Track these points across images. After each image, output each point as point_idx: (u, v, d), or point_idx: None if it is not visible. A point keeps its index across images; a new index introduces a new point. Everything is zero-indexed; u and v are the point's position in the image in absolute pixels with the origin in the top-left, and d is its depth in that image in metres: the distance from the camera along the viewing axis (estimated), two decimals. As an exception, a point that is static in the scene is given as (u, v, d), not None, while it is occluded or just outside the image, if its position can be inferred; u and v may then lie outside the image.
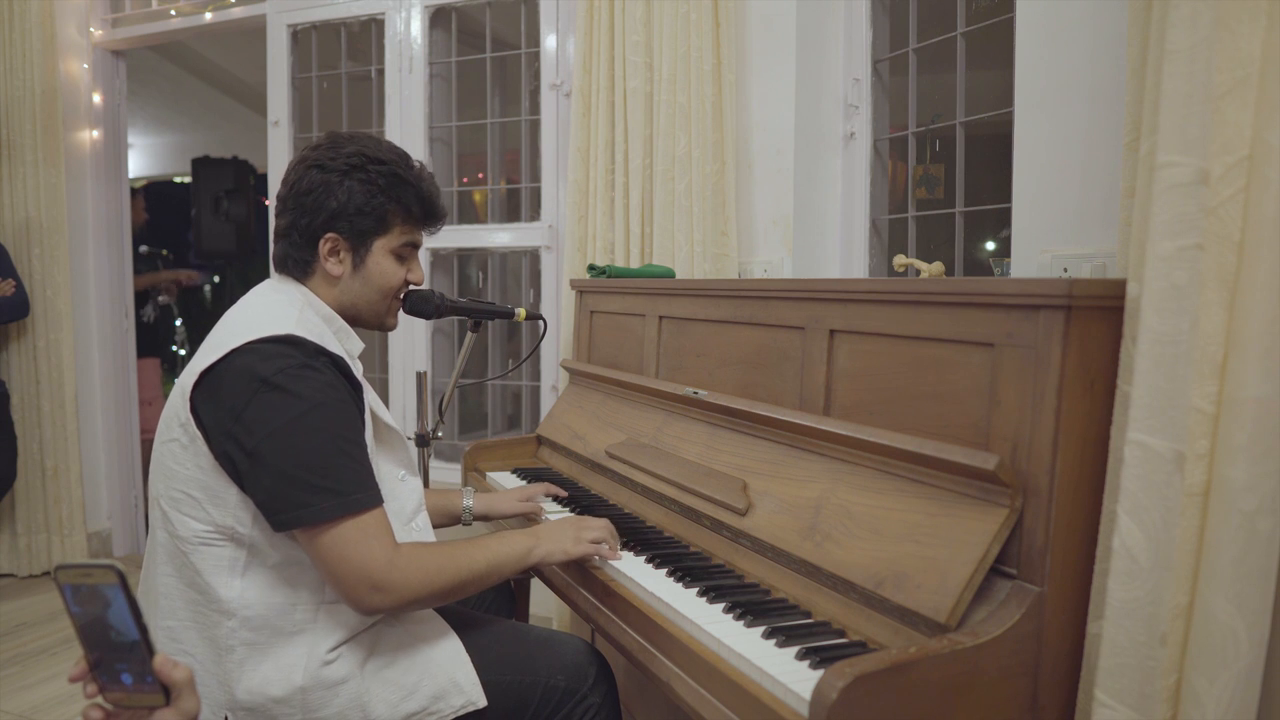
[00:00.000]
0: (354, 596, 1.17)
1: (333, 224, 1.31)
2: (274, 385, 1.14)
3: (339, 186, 1.30)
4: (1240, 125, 0.90)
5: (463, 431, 3.51)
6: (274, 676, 1.18)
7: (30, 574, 3.53)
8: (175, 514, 1.19)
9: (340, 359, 1.22)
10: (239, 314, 1.27)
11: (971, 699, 0.97)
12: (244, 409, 1.14)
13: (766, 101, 2.32)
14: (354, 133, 1.37)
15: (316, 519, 1.14)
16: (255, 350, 1.16)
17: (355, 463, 1.18)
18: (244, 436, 1.14)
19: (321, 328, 1.26)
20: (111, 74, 3.75)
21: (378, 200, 1.33)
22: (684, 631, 1.16)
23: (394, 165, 1.34)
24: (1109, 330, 1.03)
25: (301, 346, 1.18)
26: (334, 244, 1.32)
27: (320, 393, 1.16)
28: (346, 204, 1.31)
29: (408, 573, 1.18)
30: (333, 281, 1.34)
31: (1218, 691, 0.91)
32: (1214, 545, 0.92)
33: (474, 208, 3.85)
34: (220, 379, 1.17)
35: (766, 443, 1.44)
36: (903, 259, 1.89)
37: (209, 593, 1.18)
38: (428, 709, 1.24)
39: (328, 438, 1.16)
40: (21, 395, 3.47)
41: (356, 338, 1.37)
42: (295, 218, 1.32)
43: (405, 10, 3.05)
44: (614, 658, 1.56)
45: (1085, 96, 1.54)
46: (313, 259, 1.33)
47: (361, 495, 1.17)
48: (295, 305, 1.27)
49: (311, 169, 1.32)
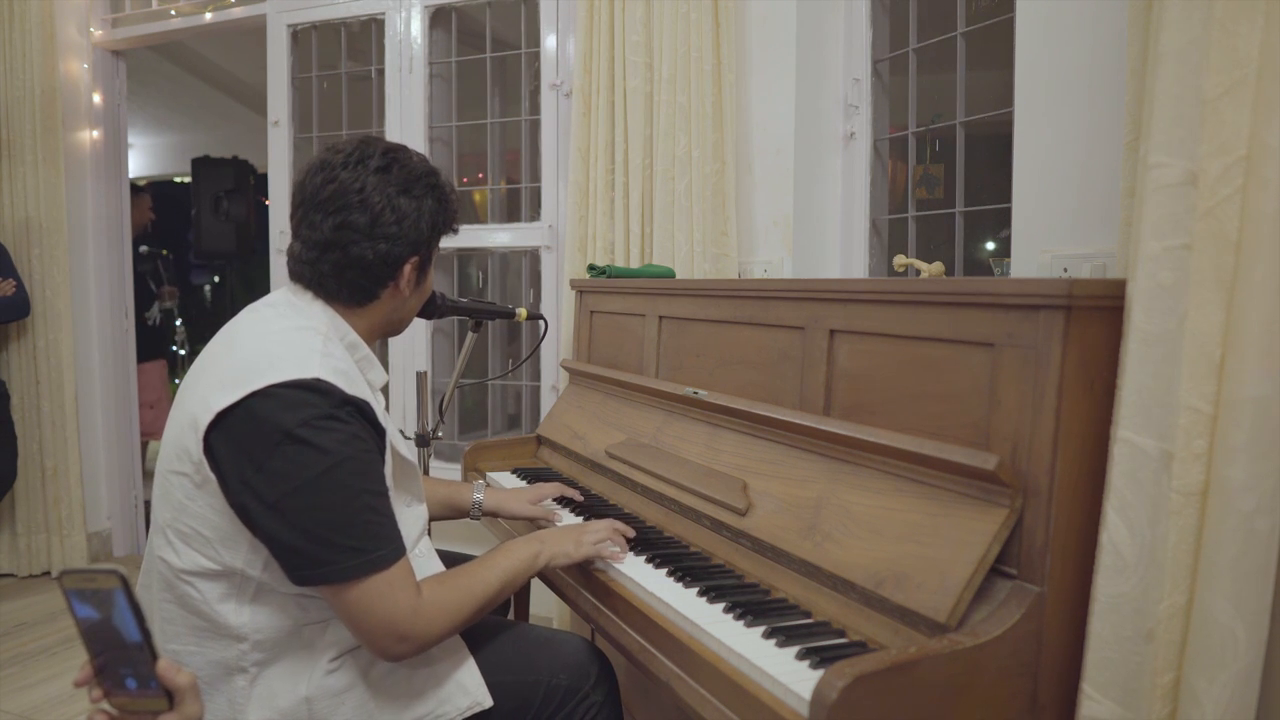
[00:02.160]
0: (380, 648, 1.15)
1: (419, 248, 1.29)
2: (297, 438, 1.09)
3: (425, 209, 1.28)
4: (1238, 125, 0.90)
5: (463, 431, 3.51)
6: (280, 688, 1.17)
7: (30, 574, 3.53)
8: (182, 546, 1.16)
9: (365, 404, 1.16)
10: (258, 345, 1.18)
11: (971, 699, 0.97)
12: (265, 461, 1.09)
13: (766, 101, 2.32)
14: (397, 145, 1.31)
15: (340, 578, 1.11)
16: (278, 396, 1.10)
17: (379, 516, 1.15)
18: (264, 489, 1.10)
19: (346, 362, 1.21)
20: (111, 74, 3.75)
21: (448, 214, 1.33)
22: (684, 631, 1.16)
23: (443, 179, 1.34)
24: (1109, 330, 1.03)
25: (328, 395, 1.12)
26: (415, 266, 1.30)
27: (345, 446, 1.12)
28: (432, 226, 1.29)
29: (432, 618, 1.17)
30: (397, 303, 1.32)
31: (1216, 691, 0.91)
32: (1212, 545, 0.92)
33: (474, 208, 3.85)
34: (239, 424, 1.11)
35: (766, 443, 1.44)
36: (903, 259, 1.89)
37: (214, 619, 1.15)
38: (434, 712, 1.23)
39: (351, 494, 1.12)
40: (21, 395, 3.47)
41: (380, 368, 1.32)
42: (386, 247, 1.24)
43: (405, 10, 3.05)
44: (614, 658, 1.56)
45: (1085, 96, 1.54)
46: (387, 284, 1.28)
47: (385, 551, 1.13)
48: (319, 335, 1.20)
49: (398, 196, 1.25)
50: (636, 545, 1.46)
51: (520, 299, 3.56)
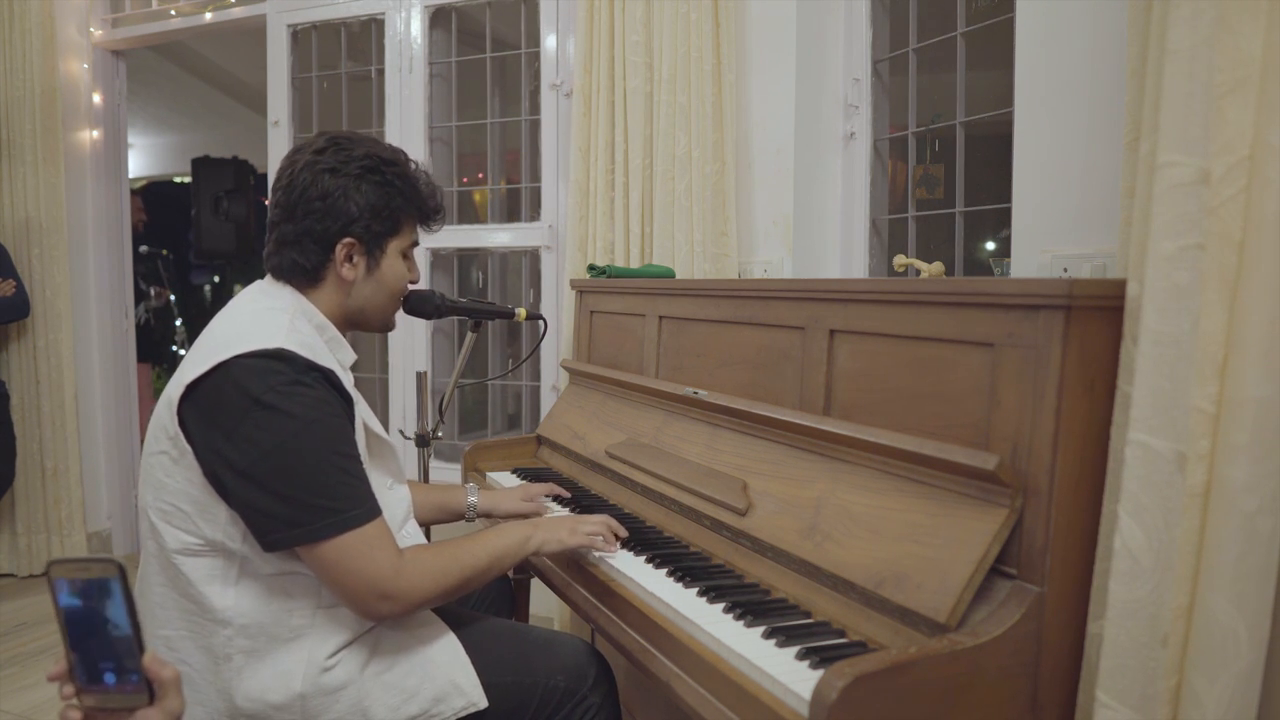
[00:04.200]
0: (363, 607, 1.17)
1: (350, 228, 1.29)
2: (265, 404, 1.12)
3: (355, 190, 1.29)
4: (1241, 125, 0.90)
5: (463, 431, 3.51)
6: (273, 684, 1.17)
7: (30, 574, 3.53)
8: (164, 526, 1.18)
9: (331, 373, 1.19)
10: (227, 323, 1.24)
11: (971, 699, 0.97)
12: (234, 428, 1.12)
13: (766, 101, 2.32)
14: (353, 134, 1.35)
15: (313, 538, 1.13)
16: (244, 365, 1.13)
17: (351, 477, 1.17)
18: (235, 456, 1.12)
19: (313, 338, 1.24)
20: (111, 74, 3.75)
21: (395, 202, 1.32)
22: (684, 631, 1.16)
23: (403, 166, 1.34)
24: (1109, 330, 1.03)
25: (292, 362, 1.15)
26: (350, 248, 1.30)
27: (312, 410, 1.14)
28: (365, 207, 1.29)
29: (414, 579, 1.19)
30: (344, 286, 1.32)
31: (1218, 692, 0.91)
32: (1214, 545, 0.92)
33: (474, 208, 3.85)
34: (209, 395, 1.14)
35: (766, 443, 1.44)
36: (903, 259, 1.89)
37: (202, 602, 1.17)
38: (429, 711, 1.24)
39: (321, 456, 1.14)
40: (21, 395, 3.47)
41: (349, 348, 1.34)
42: (309, 224, 1.28)
43: (405, 10, 3.05)
44: (614, 658, 1.56)
45: (1085, 96, 1.54)
46: (325, 265, 1.30)
47: (359, 511, 1.16)
48: (286, 314, 1.24)
49: (323, 174, 1.28)
50: (637, 545, 1.46)
51: (520, 299, 3.56)
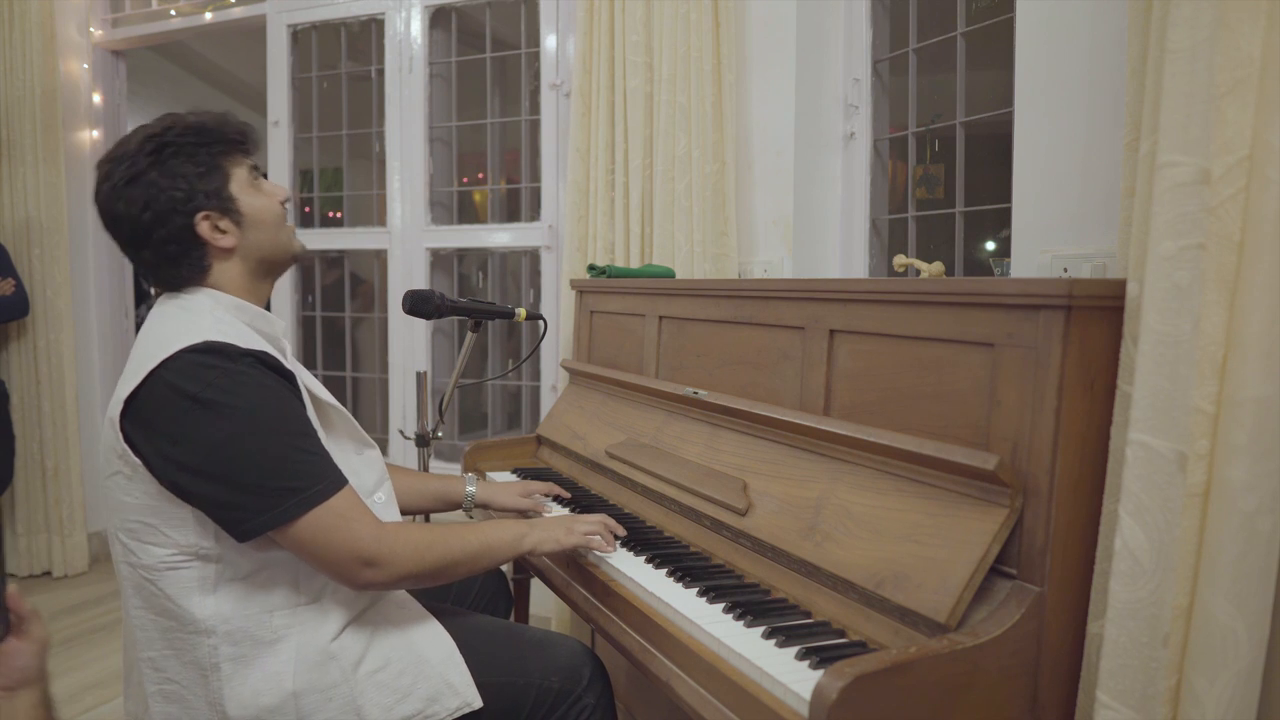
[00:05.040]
0: (348, 576, 1.17)
1: (192, 205, 1.23)
2: (203, 401, 1.10)
3: (162, 176, 1.22)
4: (1240, 125, 0.90)
5: (463, 431, 3.51)
6: (264, 686, 1.17)
7: (30, 574, 3.54)
8: (135, 544, 1.17)
9: (264, 354, 1.17)
10: (150, 336, 1.20)
11: (971, 699, 0.97)
12: (179, 431, 1.11)
13: (766, 101, 2.32)
14: (119, 142, 1.27)
15: (283, 519, 1.12)
16: (175, 368, 1.11)
17: (308, 454, 1.16)
18: (186, 458, 1.11)
19: (236, 324, 1.22)
20: (111, 74, 3.75)
21: (201, 155, 1.24)
22: (684, 631, 1.16)
23: (180, 121, 1.27)
24: (1109, 330, 1.03)
25: (222, 352, 1.13)
26: (208, 220, 1.24)
27: (254, 395, 1.13)
28: (185, 180, 1.22)
29: (396, 546, 1.19)
30: (230, 255, 1.26)
31: (1218, 692, 0.91)
32: (1214, 545, 0.92)
33: (474, 208, 3.86)
34: (147, 405, 1.12)
35: (766, 443, 1.44)
36: (903, 259, 1.89)
37: (181, 616, 1.16)
38: (423, 712, 1.23)
39: (273, 440, 1.13)
40: (21, 395, 3.46)
41: (273, 318, 1.30)
42: (160, 235, 1.22)
43: (405, 10, 3.05)
44: (614, 658, 1.56)
45: (1085, 96, 1.54)
46: (204, 250, 1.25)
47: (323, 485, 1.15)
48: (204, 310, 1.22)
49: (126, 189, 1.22)
50: (637, 545, 1.46)
51: (520, 299, 3.56)
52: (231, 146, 1.28)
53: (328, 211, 3.95)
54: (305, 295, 3.50)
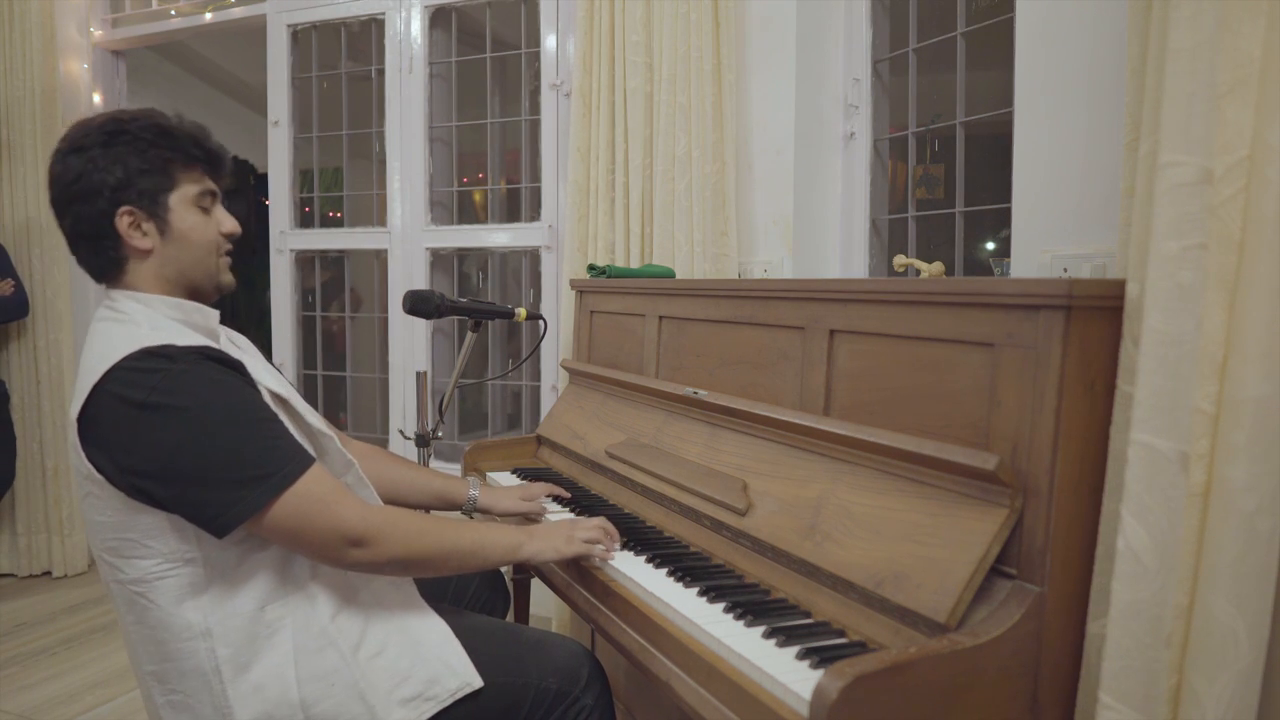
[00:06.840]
0: (334, 556, 1.17)
1: (120, 196, 1.19)
2: (151, 405, 1.09)
3: (105, 158, 1.19)
4: (1241, 125, 0.90)
5: (463, 431, 3.51)
6: (266, 681, 1.17)
7: (30, 574, 3.53)
8: (120, 561, 1.16)
9: (206, 348, 1.15)
10: (91, 351, 1.17)
11: (971, 699, 0.97)
12: (132, 440, 1.10)
13: (766, 101, 2.32)
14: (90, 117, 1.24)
15: (256, 508, 1.11)
16: (117, 378, 1.10)
17: (269, 439, 1.15)
18: (145, 465, 1.10)
19: (171, 324, 1.20)
20: (111, 74, 3.75)
21: (152, 154, 1.21)
22: (684, 631, 1.16)
23: (152, 117, 1.25)
24: (1109, 330, 1.03)
25: (161, 354, 1.11)
26: (130, 216, 1.21)
27: (201, 391, 1.11)
28: (124, 170, 1.19)
29: (385, 528, 1.18)
30: (146, 258, 1.23)
31: (1218, 692, 0.91)
32: (1214, 545, 0.92)
33: (474, 208, 3.86)
34: (97, 420, 1.11)
35: (766, 443, 1.44)
36: (903, 259, 1.89)
37: (176, 625, 1.15)
38: (424, 694, 1.24)
39: (230, 432, 1.12)
40: (21, 395, 3.46)
41: (208, 311, 1.27)
42: (77, 210, 1.20)
43: (405, 10, 3.05)
44: (614, 658, 1.56)
45: (1085, 96, 1.54)
46: (117, 243, 1.21)
47: (291, 466, 1.14)
48: (140, 317, 1.20)
49: (70, 155, 1.20)
50: (637, 545, 1.46)
51: (520, 299, 3.56)
52: (191, 160, 1.25)
53: (328, 211, 3.95)
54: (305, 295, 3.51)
